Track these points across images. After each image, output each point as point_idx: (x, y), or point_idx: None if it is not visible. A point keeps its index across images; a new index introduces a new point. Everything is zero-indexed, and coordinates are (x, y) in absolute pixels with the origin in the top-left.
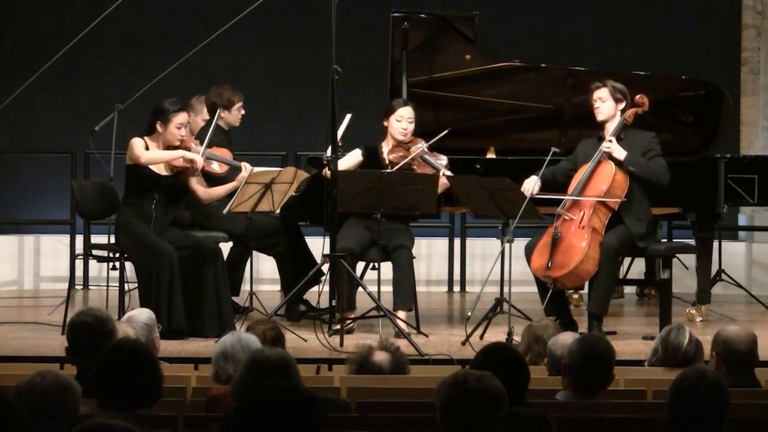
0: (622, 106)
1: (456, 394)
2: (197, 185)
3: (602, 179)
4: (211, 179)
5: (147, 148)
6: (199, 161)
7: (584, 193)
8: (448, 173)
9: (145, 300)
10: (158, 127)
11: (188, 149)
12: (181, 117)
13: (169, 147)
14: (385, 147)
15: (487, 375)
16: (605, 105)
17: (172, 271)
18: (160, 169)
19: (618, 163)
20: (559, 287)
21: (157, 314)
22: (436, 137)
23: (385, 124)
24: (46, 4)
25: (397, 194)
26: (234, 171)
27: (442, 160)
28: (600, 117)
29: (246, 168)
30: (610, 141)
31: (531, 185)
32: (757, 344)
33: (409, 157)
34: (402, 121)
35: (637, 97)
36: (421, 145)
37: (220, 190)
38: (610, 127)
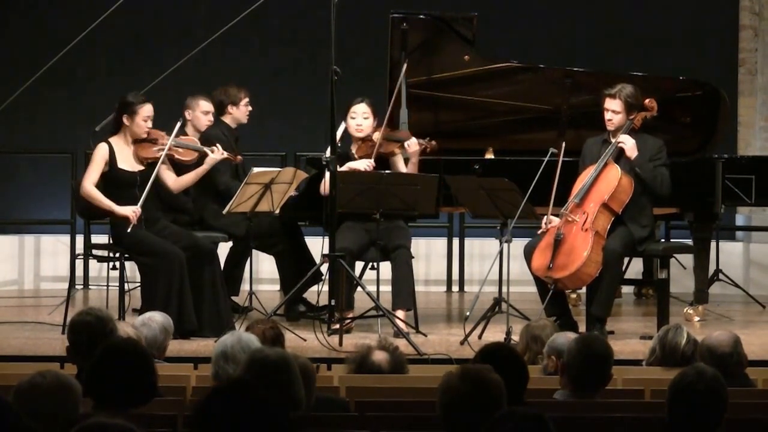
0: (633, 115)
1: (456, 387)
2: (166, 174)
3: (607, 183)
4: (183, 168)
5: (112, 151)
6: (132, 215)
7: (588, 197)
8: (413, 140)
9: (151, 302)
10: (125, 120)
11: (155, 140)
12: (147, 109)
13: (138, 140)
14: (354, 147)
15: (486, 368)
16: (618, 117)
17: (182, 272)
18: (134, 167)
19: (624, 164)
20: (560, 288)
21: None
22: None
23: (345, 125)
24: (47, 4)
25: (395, 194)
26: (204, 158)
27: (405, 135)
28: (611, 128)
29: (216, 150)
30: (626, 136)
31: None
32: (740, 343)
33: (376, 146)
34: (356, 117)
35: (647, 101)
36: (378, 134)
37: (189, 177)
38: (619, 133)
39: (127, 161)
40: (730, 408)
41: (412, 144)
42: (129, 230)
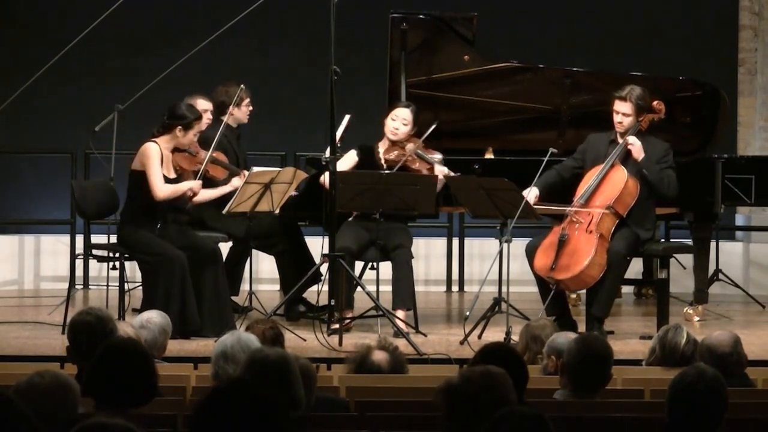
0: (641, 116)
1: (462, 386)
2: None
3: (613, 185)
4: (210, 183)
5: (161, 152)
6: (197, 187)
7: (594, 198)
8: (443, 169)
9: (152, 301)
10: (178, 132)
11: (196, 154)
12: (200, 125)
13: (177, 149)
14: (381, 146)
15: (491, 366)
16: (628, 119)
17: (183, 272)
18: (169, 172)
19: (631, 166)
20: (562, 288)
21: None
22: (427, 132)
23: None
24: (47, 4)
25: (395, 195)
26: (232, 176)
27: (437, 156)
28: (621, 130)
29: (244, 176)
30: (634, 137)
31: (527, 195)
32: (740, 343)
33: (406, 156)
34: (396, 120)
35: (655, 103)
36: (412, 146)
37: (212, 193)
38: (626, 135)
39: (166, 166)
40: (730, 408)
41: (439, 173)
42: (188, 207)
